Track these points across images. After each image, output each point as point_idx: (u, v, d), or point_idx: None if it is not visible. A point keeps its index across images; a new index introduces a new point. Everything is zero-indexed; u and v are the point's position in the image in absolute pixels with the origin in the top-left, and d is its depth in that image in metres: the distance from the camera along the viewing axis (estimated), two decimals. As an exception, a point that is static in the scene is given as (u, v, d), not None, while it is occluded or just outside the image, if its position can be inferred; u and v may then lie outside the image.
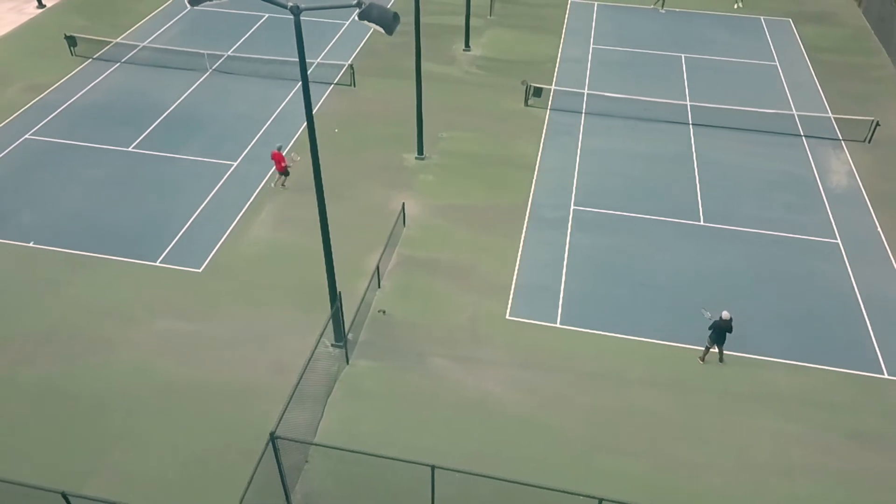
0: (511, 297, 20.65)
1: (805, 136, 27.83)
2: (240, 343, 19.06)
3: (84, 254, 21.76)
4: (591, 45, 34.16)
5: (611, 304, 20.43)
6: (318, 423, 17.13)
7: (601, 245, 22.49)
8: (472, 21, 36.20)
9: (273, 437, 13.91)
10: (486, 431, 17.03)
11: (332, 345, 18.98)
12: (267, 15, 36.46)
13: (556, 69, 32.14)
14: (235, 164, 25.78)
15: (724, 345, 18.59)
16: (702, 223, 23.46)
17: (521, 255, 22.11)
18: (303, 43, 13.88)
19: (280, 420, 14.32)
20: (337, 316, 18.44)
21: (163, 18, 36.02)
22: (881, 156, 26.84)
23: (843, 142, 27.56)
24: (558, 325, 19.82)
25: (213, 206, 23.78)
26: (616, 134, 27.78)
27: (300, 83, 30.62)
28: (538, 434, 16.98)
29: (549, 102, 29.48)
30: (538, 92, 29.07)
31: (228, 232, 22.72)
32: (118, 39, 33.35)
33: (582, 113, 28.95)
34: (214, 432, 16.77)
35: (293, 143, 26.96)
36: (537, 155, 26.58)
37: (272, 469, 14.95)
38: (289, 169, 24.16)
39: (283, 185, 24.52)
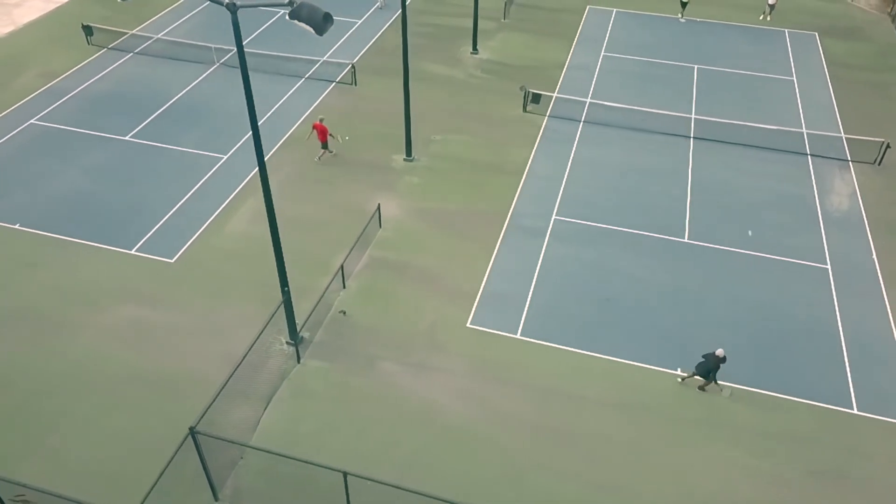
0: (475, 305, 20.33)
1: (811, 156, 26.70)
2: (198, 335, 19.22)
3: (65, 238, 22.27)
4: (603, 53, 33.47)
5: (577, 319, 19.92)
6: (259, 420, 17.14)
7: (576, 257, 21.97)
8: (486, 24, 35.88)
9: (192, 432, 13.94)
10: (425, 440, 16.77)
11: (287, 342, 18.98)
12: (281, 11, 36.80)
13: (562, 76, 31.58)
14: (225, 157, 26.06)
15: (711, 377, 17.56)
16: (686, 240, 22.70)
17: (492, 263, 21.76)
18: (241, 39, 13.86)
19: (203, 415, 14.34)
20: (291, 314, 18.44)
21: (182, 11, 36.70)
22: (890, 179, 25.56)
23: (851, 163, 26.35)
24: (518, 336, 19.42)
25: (196, 198, 24.07)
26: (612, 144, 27.13)
27: (301, 80, 30.81)
28: (477, 447, 16.64)
29: (549, 109, 28.97)
30: (536, 98, 28.61)
31: (206, 225, 22.96)
32: (134, 31, 34.11)
33: (580, 121, 28.36)
34: (156, 422, 16.93)
35: (285, 139, 27.12)
36: (527, 162, 26.14)
37: (211, 460, 14.95)
38: (328, 144, 25.38)
39: (330, 152, 25.81)
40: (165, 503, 15.21)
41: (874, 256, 22.22)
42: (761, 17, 36.95)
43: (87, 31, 32.89)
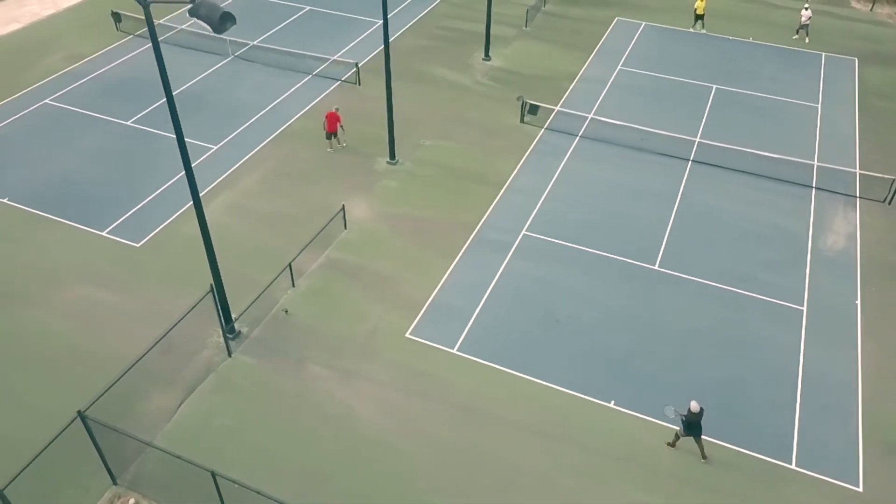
0: (419, 315, 20.00)
1: (816, 188, 25.08)
2: (144, 320, 19.63)
3: (44, 214, 23.18)
4: (619, 67, 32.43)
5: (520, 339, 19.32)
6: (178, 409, 17.36)
7: (536, 276, 21.32)
8: (505, 31, 35.36)
9: (80, 415, 14.22)
10: (333, 448, 16.60)
11: (224, 335, 19.14)
12: (308, 8, 37.32)
13: (571, 88, 30.76)
14: (215, 147, 26.58)
15: (702, 435, 16.22)
16: (656, 268, 21.70)
17: (448, 274, 21.37)
18: (156, 36, 14.03)
19: (97, 399, 14.62)
20: (226, 307, 18.62)
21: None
22: (899, 221, 23.79)
23: (858, 200, 24.60)
24: (454, 351, 18.99)
25: (177, 185, 24.63)
26: (604, 161, 26.23)
27: (308, 76, 31.12)
28: (382, 461, 16.35)
29: (547, 122, 28.25)
30: (534, 109, 27.95)
31: (179, 213, 23.45)
32: (161, 21, 35.21)
33: (577, 136, 27.55)
34: (81, 401, 17.33)
35: (277, 134, 27.43)
36: (511, 174, 25.57)
37: (117, 444, 15.19)
38: (337, 134, 25.92)
39: (340, 143, 26.51)
40: (62, 479, 15.59)
41: (858, 302, 20.67)
42: (795, 37, 35.02)
43: (116, 17, 34.20)
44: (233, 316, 19.12)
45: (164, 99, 28.94)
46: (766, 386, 18.21)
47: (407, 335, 19.43)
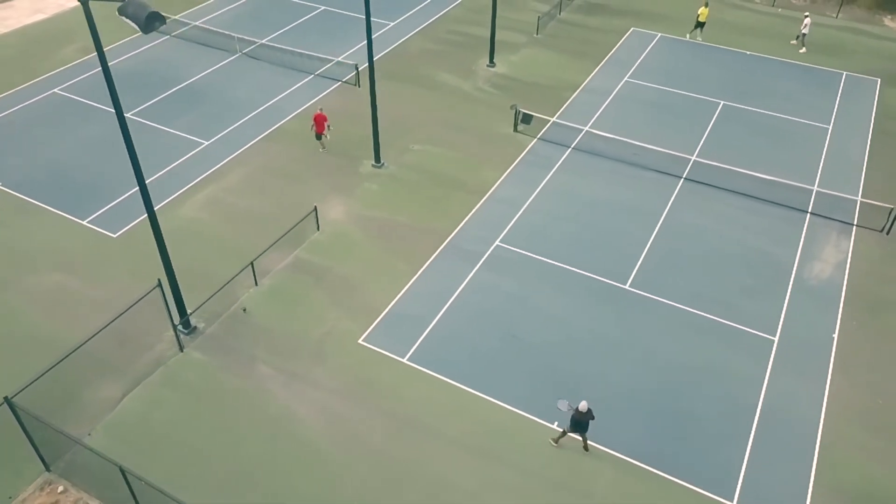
0: (376, 322, 19.86)
1: (811, 213, 24.03)
2: (107, 310, 19.92)
3: (32, 201, 23.84)
4: (626, 78, 31.71)
5: (473, 352, 19.00)
6: (121, 400, 17.59)
7: (501, 288, 20.95)
8: (516, 37, 34.95)
9: (7, 401, 14.51)
10: (267, 450, 16.58)
11: (179, 330, 19.33)
12: (322, 8, 37.58)
13: (572, 98, 30.20)
14: (206, 143, 26.94)
15: (587, 433, 16.40)
16: (626, 287, 21.09)
17: (413, 281, 21.17)
18: (97, 35, 14.21)
19: (27, 386, 14.90)
20: (180, 301, 18.81)
21: (229, 0, 38.28)
22: (893, 252, 22.57)
23: (855, 228, 23.47)
24: (405, 360, 18.78)
25: (164, 179, 25.03)
26: (593, 175, 25.65)
27: (310, 76, 31.30)
28: (313, 467, 16.26)
29: (541, 132, 27.77)
30: (527, 119, 27.53)
31: (160, 206, 23.82)
32: (177, 16, 35.89)
33: (569, 148, 27.01)
34: (30, 391, 17.71)
35: (269, 132, 27.65)
36: (495, 183, 25.22)
37: (51, 432, 15.44)
38: (325, 134, 26.01)
39: (323, 145, 26.62)
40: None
41: (835, 335, 19.70)
42: (793, 42, 33.92)
43: (133, 11, 35.00)
44: (188, 311, 19.28)
45: (167, 93, 29.64)
46: (721, 417, 17.48)
47: (360, 341, 19.30)
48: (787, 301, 20.73)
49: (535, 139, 27.51)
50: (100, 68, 31.32)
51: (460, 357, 18.87)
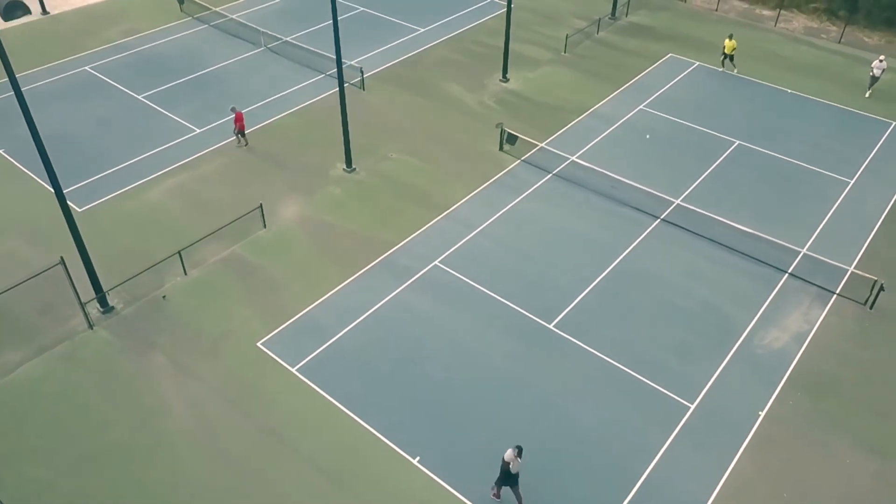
0: (282, 327, 19.75)
1: (790, 274, 21.71)
2: (42, 278, 20.78)
3: (23, 169, 25.46)
4: (641, 106, 29.91)
5: (362, 373, 18.50)
6: (18, 367, 18.42)
7: (419, 310, 20.28)
8: (542, 53, 33.83)
9: None
10: (125, 439, 16.87)
11: (100, 309, 20.03)
12: (361, 9, 37.91)
13: (575, 122, 28.83)
14: (198, 131, 27.81)
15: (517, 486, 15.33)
16: (550, 327, 19.86)
17: (336, 290, 20.90)
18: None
19: None
20: (95, 279, 19.48)
21: (277, -5, 39.39)
22: (868, 330, 19.97)
23: (836, 297, 20.97)
24: (293, 370, 18.56)
25: (146, 161, 26.04)
26: (562, 205, 24.35)
27: (320, 76, 31.63)
28: (164, 462, 16.39)
29: (527, 154, 26.66)
30: (512, 139, 26.53)
31: (131, 187, 24.80)
32: (218, 8, 37.24)
33: (549, 174, 25.78)
34: (-52, 341, 18.95)
35: (260, 126, 28.16)
36: (459, 201, 24.47)
37: None
38: (241, 132, 26.33)
39: (245, 143, 26.80)
40: None
41: (762, 412, 17.66)
42: (867, 95, 30.51)
43: (180, 0, 36.79)
44: (104, 289, 19.92)
45: (183, 79, 30.84)
46: (595, 484, 16.10)
47: (258, 344, 19.27)
48: (721, 367, 18.82)
49: (518, 161, 26.48)
50: (132, 51, 33.26)
51: (348, 375, 18.42)
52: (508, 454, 14.71)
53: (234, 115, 26.18)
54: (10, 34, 34.34)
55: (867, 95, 30.80)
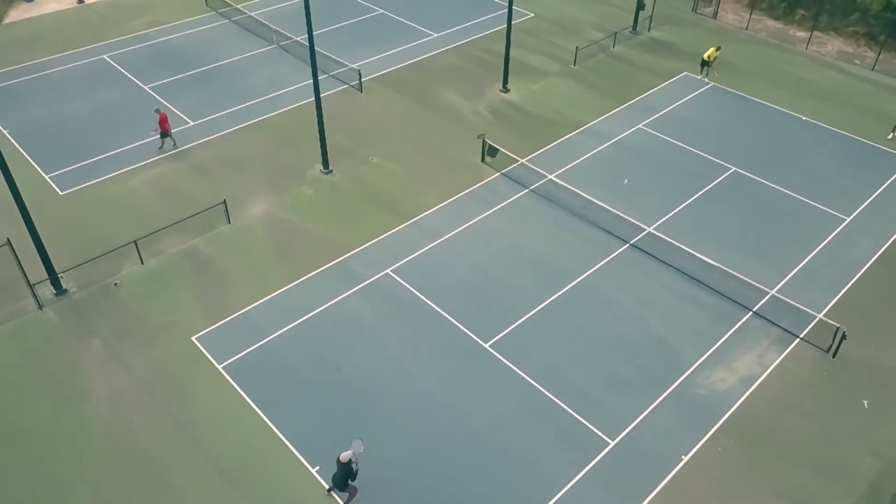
0: (220, 323, 19.97)
1: (754, 313, 20.52)
2: (4, 257, 21.49)
3: (20, 150, 26.55)
4: (639, 125, 28.89)
5: (285, 375, 18.52)
6: (-35, 342, 19.27)
7: (359, 317, 20.15)
8: (550, 64, 33.15)
9: None
10: (42, 420, 17.38)
11: (53, 291, 20.71)
12: (380, 11, 38.02)
13: (566, 137, 28.08)
14: (191, 124, 28.46)
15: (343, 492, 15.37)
16: (485, 346, 19.39)
17: (281, 291, 20.99)
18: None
19: None
20: (47, 261, 20.14)
21: (301, -7, 39.89)
22: (827, 381, 18.66)
23: (801, 342, 19.69)
24: (219, 367, 18.72)
25: (134, 150, 26.80)
26: (531, 222, 23.74)
27: (322, 76, 31.73)
28: (66, 447, 16.82)
29: (507, 167, 26.11)
30: (492, 151, 26.05)
31: (114, 174, 25.54)
32: (239, 5, 37.96)
33: (525, 189, 25.18)
34: None
35: (252, 123, 28.57)
36: (429, 210, 24.20)
37: None
38: (166, 133, 26.23)
39: (174, 144, 26.80)
40: None
41: (685, 457, 16.73)
42: (889, 136, 28.47)
43: (206, -5, 37.83)
44: (56, 272, 20.58)
45: (191, 71, 31.60)
46: (491, 512, 15.61)
47: (193, 338, 19.53)
48: (654, 405, 17.95)
49: (498, 174, 25.99)
50: (151, 42, 34.32)
51: (271, 377, 18.46)
52: (345, 455, 14.47)
53: (158, 117, 25.85)
54: (44, 21, 36.08)
55: (889, 137, 28.61)
